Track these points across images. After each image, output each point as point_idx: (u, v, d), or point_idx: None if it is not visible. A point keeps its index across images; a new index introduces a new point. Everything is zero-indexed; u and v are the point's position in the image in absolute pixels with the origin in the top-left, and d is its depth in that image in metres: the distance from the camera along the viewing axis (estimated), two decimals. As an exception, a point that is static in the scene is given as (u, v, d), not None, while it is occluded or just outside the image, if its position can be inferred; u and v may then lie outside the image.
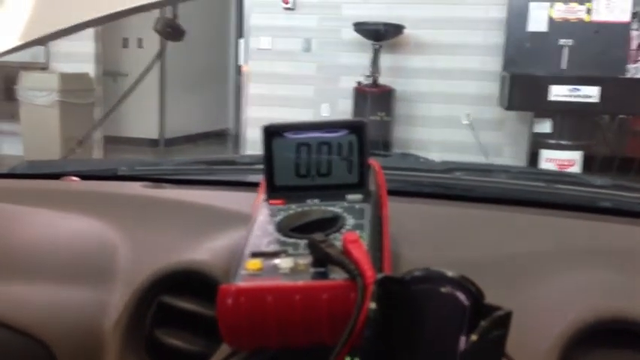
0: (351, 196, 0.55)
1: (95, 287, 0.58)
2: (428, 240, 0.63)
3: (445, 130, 5.38)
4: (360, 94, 5.19)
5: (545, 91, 4.42)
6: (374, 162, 0.61)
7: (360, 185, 0.56)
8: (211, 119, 8.01)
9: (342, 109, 5.41)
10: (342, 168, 0.56)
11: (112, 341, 0.54)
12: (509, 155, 5.26)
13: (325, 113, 5.58)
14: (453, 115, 5.33)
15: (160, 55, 1.38)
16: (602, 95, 4.30)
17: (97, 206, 0.73)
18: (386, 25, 5.10)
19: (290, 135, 0.56)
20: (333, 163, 0.56)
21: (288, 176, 0.56)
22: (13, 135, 5.58)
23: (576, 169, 4.56)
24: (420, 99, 5.40)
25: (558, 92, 4.40)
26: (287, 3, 5.44)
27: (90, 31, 5.74)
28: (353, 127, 0.56)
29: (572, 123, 4.53)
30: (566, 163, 4.56)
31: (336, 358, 0.39)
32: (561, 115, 4.51)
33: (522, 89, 4.54)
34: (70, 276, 0.60)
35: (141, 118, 6.94)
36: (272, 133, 0.56)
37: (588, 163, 4.55)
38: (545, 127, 4.60)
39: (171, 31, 1.44)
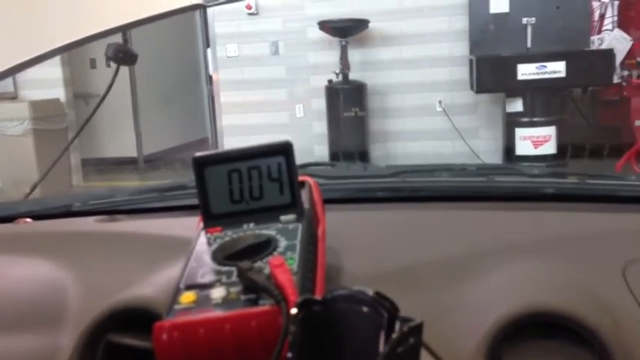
0: (284, 217, 0.56)
1: (45, 333, 0.59)
2: (370, 250, 0.64)
3: (420, 118, 5.41)
4: (332, 91, 5.21)
5: (513, 71, 4.46)
6: (308, 178, 0.62)
7: (292, 205, 0.57)
8: (189, 130, 7.99)
9: (316, 107, 5.43)
10: (274, 190, 0.57)
11: None
12: (486, 137, 5.31)
13: (300, 114, 5.59)
14: (426, 104, 5.37)
15: (112, 82, 1.39)
16: (569, 69, 4.36)
17: (50, 247, 0.74)
18: (350, 20, 5.12)
19: (220, 163, 0.58)
20: (265, 186, 0.57)
21: (224, 203, 0.58)
22: (-12, 168, 5.54)
23: (552, 143, 4.61)
24: (393, 90, 5.43)
25: (526, 71, 4.45)
26: (250, 8, 5.43)
27: (56, 56, 5.69)
28: (279, 149, 0.57)
29: (543, 99, 4.59)
30: (541, 139, 4.61)
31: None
32: (531, 93, 4.56)
33: (490, 71, 4.57)
34: (19, 324, 0.60)
35: (117, 138, 6.90)
36: (202, 163, 0.58)
37: (564, 137, 4.60)
38: (516, 106, 4.65)
39: (122, 56, 1.44)
